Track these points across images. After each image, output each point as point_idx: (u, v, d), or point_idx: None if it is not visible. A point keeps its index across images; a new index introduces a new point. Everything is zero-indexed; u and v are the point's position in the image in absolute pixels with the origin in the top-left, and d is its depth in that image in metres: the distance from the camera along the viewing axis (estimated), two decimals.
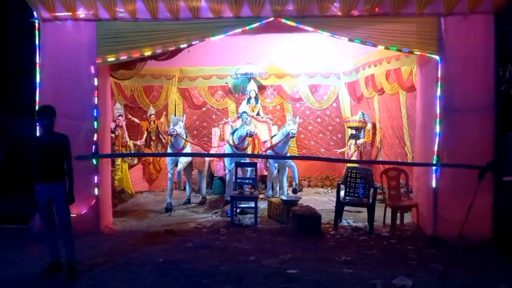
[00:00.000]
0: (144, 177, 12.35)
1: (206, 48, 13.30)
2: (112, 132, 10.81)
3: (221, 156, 9.99)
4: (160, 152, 11.76)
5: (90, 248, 6.81)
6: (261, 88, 13.34)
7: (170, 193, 9.64)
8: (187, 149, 9.69)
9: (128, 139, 11.26)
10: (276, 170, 9.89)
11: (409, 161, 10.30)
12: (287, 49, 12.99)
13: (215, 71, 13.52)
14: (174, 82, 13.47)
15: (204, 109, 13.70)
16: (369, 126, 11.63)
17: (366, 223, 8.19)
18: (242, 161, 9.37)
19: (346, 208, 8.54)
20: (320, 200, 10.82)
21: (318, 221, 7.79)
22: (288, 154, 9.97)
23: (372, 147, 12.00)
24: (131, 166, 11.63)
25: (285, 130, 9.44)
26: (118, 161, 10.95)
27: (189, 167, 10.15)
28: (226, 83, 13.52)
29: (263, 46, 13.27)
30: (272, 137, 10.10)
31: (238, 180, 8.84)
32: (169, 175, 9.65)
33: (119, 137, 10.94)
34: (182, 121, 9.42)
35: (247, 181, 9.55)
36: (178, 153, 9.17)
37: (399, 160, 10.76)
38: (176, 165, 9.60)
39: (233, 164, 9.28)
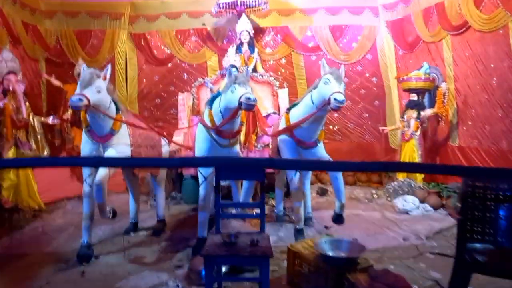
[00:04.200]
0: (74, 175, 7.24)
1: None
2: None
3: (186, 165, 4.37)
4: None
5: None
6: (258, 31, 8.21)
7: (88, 223, 4.59)
8: (121, 136, 4.57)
9: (29, 114, 6.10)
10: (298, 176, 4.76)
11: None
12: None
13: (185, 5, 8.50)
14: (123, 24, 8.49)
15: (170, 65, 8.67)
16: (443, 87, 6.63)
17: None
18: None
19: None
20: (371, 218, 5.90)
21: None
22: (321, 144, 4.86)
23: (439, 122, 7.04)
24: None
25: (320, 94, 4.33)
26: (9, 155, 5.82)
27: (128, 169, 5.06)
28: (203, 24, 8.39)
29: None
30: (288, 109, 4.94)
31: (221, 209, 3.74)
32: (85, 188, 4.55)
33: (8, 111, 5.78)
34: (105, 79, 4.29)
35: (240, 208, 4.47)
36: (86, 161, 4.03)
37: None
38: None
39: (210, 169, 4.27)
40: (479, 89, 6.30)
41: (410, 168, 3.76)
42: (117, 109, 4.58)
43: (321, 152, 4.78)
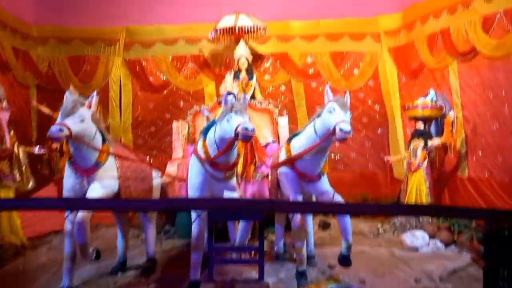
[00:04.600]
0: None
1: None
2: None
3: (174, 208, 3.91)
4: None
5: None
6: (256, 58, 7.91)
7: (69, 265, 4.17)
8: (107, 169, 4.18)
9: (13, 144, 5.71)
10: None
11: None
12: None
13: (182, 31, 8.27)
14: (117, 50, 8.26)
15: (165, 92, 8.34)
16: (451, 115, 6.28)
17: None
18: (226, 196, 3.86)
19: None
20: (378, 255, 5.44)
21: None
22: (325, 177, 4.47)
23: (447, 152, 6.65)
24: (24, 193, 6.04)
25: (324, 123, 3.97)
26: None
27: None
28: (200, 50, 8.06)
29: None
30: (289, 139, 4.55)
31: (215, 253, 3.31)
32: (67, 226, 4.14)
33: None
34: (89, 107, 3.92)
35: (235, 254, 4.03)
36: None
37: None
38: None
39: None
40: (489, 117, 5.95)
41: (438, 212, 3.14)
42: (104, 140, 4.20)
43: (325, 186, 4.36)
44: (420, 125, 6.46)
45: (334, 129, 3.80)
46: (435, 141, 6.36)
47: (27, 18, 7.78)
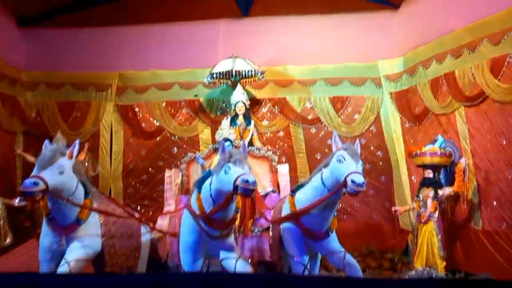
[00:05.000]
0: None
1: (164, 41, 7.80)
2: None
3: (159, 284, 3.45)
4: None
5: None
6: (254, 103, 7.61)
7: None
8: (90, 226, 3.70)
9: None
10: (306, 273, 3.80)
11: None
12: (294, 42, 7.67)
13: (177, 76, 7.95)
14: (109, 95, 7.93)
15: (158, 138, 7.92)
16: (462, 162, 5.89)
17: None
18: (223, 256, 3.39)
19: None
20: None
21: None
22: (334, 235, 3.97)
23: (457, 201, 6.23)
24: (1, 250, 5.51)
25: (333, 174, 3.54)
26: None
27: (98, 264, 4.10)
28: (196, 95, 7.82)
29: (255, 37, 7.81)
30: (293, 191, 4.09)
31: None
32: None
33: None
34: (71, 157, 3.49)
35: None
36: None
37: None
38: (57, 265, 3.53)
39: (198, 267, 3.36)
40: (503, 165, 5.55)
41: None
42: (86, 193, 3.74)
43: (334, 245, 3.90)
44: (429, 173, 6.04)
45: (345, 180, 3.37)
46: (446, 191, 5.91)
47: (17, 62, 7.51)
